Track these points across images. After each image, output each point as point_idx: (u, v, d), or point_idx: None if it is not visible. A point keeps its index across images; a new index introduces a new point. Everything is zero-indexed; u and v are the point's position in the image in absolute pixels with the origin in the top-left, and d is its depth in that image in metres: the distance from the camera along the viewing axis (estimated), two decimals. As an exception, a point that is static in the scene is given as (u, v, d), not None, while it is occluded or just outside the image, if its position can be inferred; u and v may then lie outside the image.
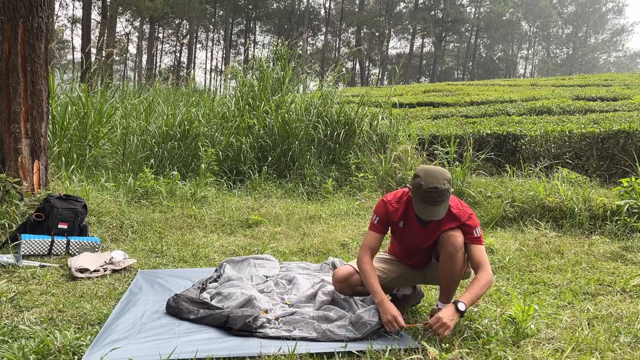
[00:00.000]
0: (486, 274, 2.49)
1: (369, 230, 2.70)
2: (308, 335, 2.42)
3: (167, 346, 2.29)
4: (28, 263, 3.48)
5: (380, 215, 2.67)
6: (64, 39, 38.35)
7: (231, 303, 2.77)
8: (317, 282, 3.16)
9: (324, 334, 2.42)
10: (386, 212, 2.66)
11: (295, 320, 2.60)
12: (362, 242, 2.69)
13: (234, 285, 3.04)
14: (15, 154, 4.44)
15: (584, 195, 4.98)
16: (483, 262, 2.53)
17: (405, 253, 2.76)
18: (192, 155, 7.05)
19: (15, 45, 4.41)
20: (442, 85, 21.28)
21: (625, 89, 14.74)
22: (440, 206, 2.44)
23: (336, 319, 2.58)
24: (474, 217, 2.62)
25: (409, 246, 2.74)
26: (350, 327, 2.46)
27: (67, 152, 6.37)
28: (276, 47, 8.97)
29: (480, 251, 2.56)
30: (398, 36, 60.01)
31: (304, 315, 2.67)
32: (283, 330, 2.49)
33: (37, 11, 4.48)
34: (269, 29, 58.50)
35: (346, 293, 2.82)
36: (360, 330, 2.42)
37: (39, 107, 4.55)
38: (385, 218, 2.66)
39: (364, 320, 2.46)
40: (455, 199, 2.63)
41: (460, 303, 2.37)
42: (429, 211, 2.44)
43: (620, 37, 63.59)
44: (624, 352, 2.28)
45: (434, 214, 2.45)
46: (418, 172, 2.50)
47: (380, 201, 2.72)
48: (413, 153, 7.08)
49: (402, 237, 2.71)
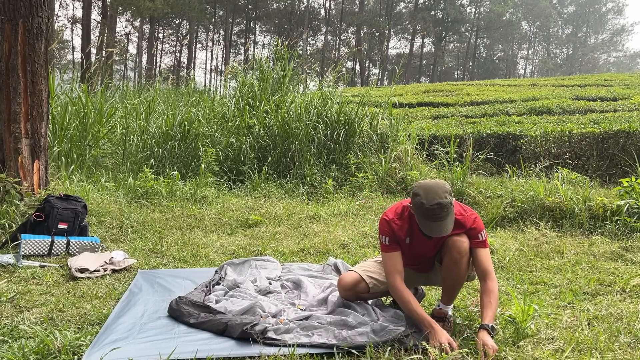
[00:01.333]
0: (494, 283, 2.46)
1: (384, 253, 2.59)
2: (328, 342, 2.34)
3: (167, 346, 2.29)
4: (28, 263, 3.48)
5: (388, 235, 2.59)
6: (64, 39, 38.36)
7: (234, 308, 2.73)
8: (327, 286, 3.13)
9: (344, 340, 2.33)
10: (392, 230, 2.59)
11: (314, 326, 2.52)
12: (385, 268, 2.58)
13: (240, 291, 3.02)
14: (15, 154, 4.44)
15: (584, 195, 4.98)
16: (489, 269, 2.50)
17: (411, 261, 2.72)
18: (192, 155, 7.05)
19: (15, 45, 4.41)
20: (442, 85, 21.27)
21: (625, 89, 14.74)
22: (446, 221, 2.38)
23: (356, 325, 2.51)
24: (479, 221, 2.58)
25: (417, 257, 2.70)
26: (372, 334, 2.39)
27: (67, 152, 6.37)
28: (276, 47, 8.97)
29: (485, 256, 2.53)
30: (398, 36, 60.03)
31: (321, 321, 2.60)
32: (302, 336, 2.41)
33: (37, 11, 4.48)
34: (269, 29, 58.51)
35: (351, 300, 2.79)
36: (384, 337, 2.35)
37: (39, 107, 4.55)
38: (393, 236, 2.58)
39: (389, 329, 2.40)
40: (457, 205, 2.57)
41: (490, 325, 2.30)
42: (435, 228, 2.39)
43: (620, 37, 63.62)
44: (624, 352, 2.28)
45: (442, 230, 2.39)
46: (417, 190, 2.43)
47: (383, 221, 2.62)
48: (413, 153, 7.08)
49: (410, 251, 2.65)
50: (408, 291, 2.50)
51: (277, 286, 3.23)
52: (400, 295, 2.49)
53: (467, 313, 2.81)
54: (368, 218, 5.37)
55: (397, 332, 2.36)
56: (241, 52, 57.45)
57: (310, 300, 2.97)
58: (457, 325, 2.63)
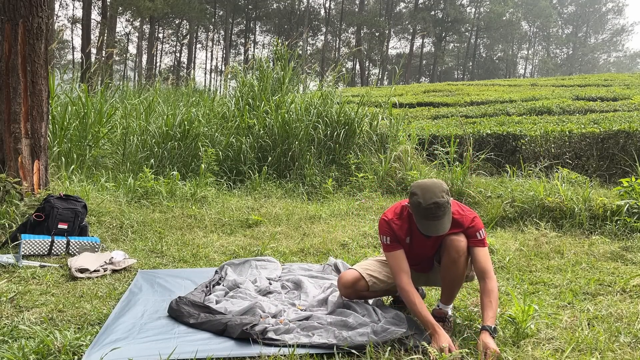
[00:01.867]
0: (494, 283, 2.45)
1: (387, 253, 2.59)
2: (328, 342, 2.33)
3: (167, 346, 2.29)
4: (28, 263, 3.48)
5: (388, 234, 2.59)
6: (64, 39, 38.35)
7: (234, 308, 2.73)
8: (327, 286, 3.13)
9: (345, 340, 2.33)
10: (392, 230, 2.59)
11: (314, 326, 2.52)
12: (391, 269, 2.58)
13: (240, 291, 3.02)
14: (15, 154, 4.44)
15: (584, 195, 4.98)
16: (488, 268, 2.49)
17: (411, 261, 2.70)
18: (192, 155, 7.05)
19: (15, 45, 4.41)
20: (442, 85, 21.27)
21: (625, 89, 14.74)
22: (444, 220, 2.39)
23: (356, 325, 2.50)
24: (478, 220, 2.58)
25: (416, 256, 2.70)
26: (372, 335, 2.38)
27: (67, 152, 6.37)
28: (276, 47, 8.97)
29: (484, 255, 2.53)
30: (398, 36, 60.02)
31: (321, 321, 2.60)
32: (303, 336, 2.41)
33: (37, 11, 4.48)
34: (269, 29, 58.50)
35: (351, 298, 2.80)
36: (384, 338, 2.34)
37: (39, 107, 4.55)
38: (393, 236, 2.59)
39: (390, 330, 2.39)
40: (455, 204, 2.58)
41: (492, 327, 2.30)
42: (433, 227, 2.40)
43: (620, 37, 63.61)
44: (624, 352, 2.28)
45: (439, 229, 2.40)
46: (414, 189, 2.44)
47: (382, 221, 2.63)
48: (413, 153, 7.08)
49: (410, 251, 2.64)
50: (415, 292, 2.49)
51: (277, 286, 3.22)
52: (406, 296, 2.48)
53: (467, 313, 2.81)
54: (368, 218, 5.37)
55: (398, 333, 2.36)
56: (241, 52, 57.47)
57: (311, 301, 2.96)
58: (457, 325, 2.63)
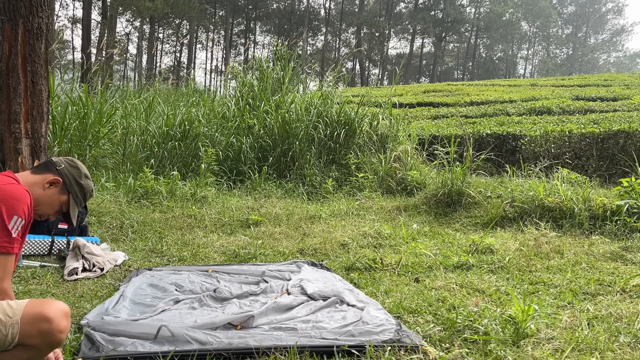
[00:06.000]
0: None
1: None
2: (306, 343, 2.28)
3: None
4: (28, 263, 3.48)
5: None
6: (64, 39, 38.34)
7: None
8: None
9: (323, 339, 2.31)
10: None
11: (288, 327, 2.47)
12: None
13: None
14: (16, 154, 4.45)
15: (583, 196, 4.98)
16: None
17: None
18: (192, 155, 7.05)
19: (15, 45, 4.41)
20: (442, 85, 21.28)
21: (625, 89, 14.74)
22: None
23: (333, 328, 2.46)
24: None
25: None
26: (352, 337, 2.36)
27: (67, 152, 6.36)
28: (276, 47, 8.98)
29: None
30: (398, 36, 60.05)
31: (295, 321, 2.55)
32: (274, 338, 2.33)
33: (37, 11, 4.48)
34: (269, 29, 58.52)
35: None
36: (364, 337, 2.33)
37: (39, 107, 4.55)
38: None
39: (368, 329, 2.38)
40: None
41: None
42: None
43: (620, 37, 63.65)
44: (624, 352, 2.28)
45: None
46: None
47: None
48: (413, 153, 7.09)
49: None
50: None
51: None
52: None
53: (467, 313, 2.81)
54: (368, 218, 5.37)
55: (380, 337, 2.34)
56: (241, 52, 57.49)
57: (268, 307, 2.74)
58: (457, 325, 2.63)
